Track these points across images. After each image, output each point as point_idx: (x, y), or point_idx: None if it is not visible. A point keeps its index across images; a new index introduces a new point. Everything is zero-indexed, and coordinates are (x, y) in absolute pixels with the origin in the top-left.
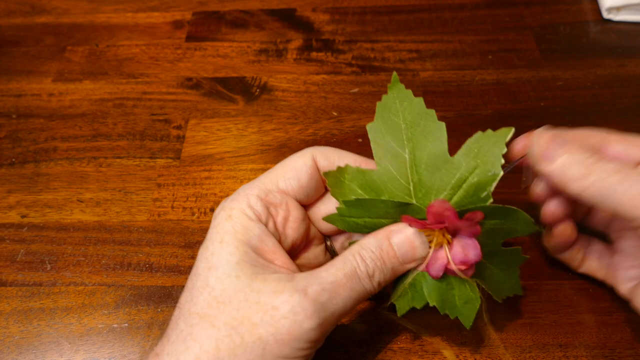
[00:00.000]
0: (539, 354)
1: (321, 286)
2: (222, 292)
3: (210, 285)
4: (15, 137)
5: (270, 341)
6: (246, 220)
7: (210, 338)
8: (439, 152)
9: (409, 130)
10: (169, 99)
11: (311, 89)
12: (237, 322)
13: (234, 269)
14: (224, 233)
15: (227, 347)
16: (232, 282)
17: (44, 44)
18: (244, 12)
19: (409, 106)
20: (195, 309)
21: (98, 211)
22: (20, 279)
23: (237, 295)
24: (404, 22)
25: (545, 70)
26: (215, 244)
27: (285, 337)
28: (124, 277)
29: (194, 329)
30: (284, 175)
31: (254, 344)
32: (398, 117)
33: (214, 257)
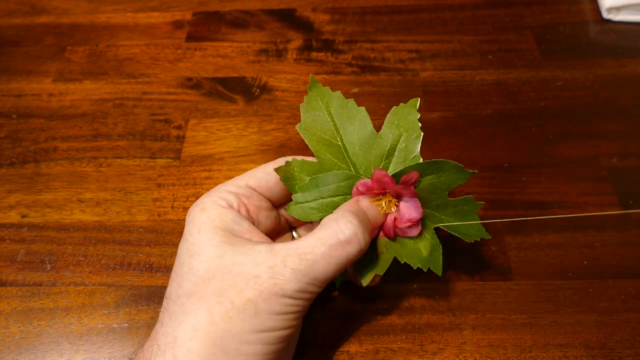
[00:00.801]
0: (539, 354)
1: (299, 257)
2: (206, 271)
3: (194, 268)
4: (16, 137)
5: (259, 301)
6: (219, 209)
7: (202, 308)
8: (367, 132)
9: (336, 120)
10: (169, 99)
11: None
12: (224, 290)
13: (215, 251)
14: (200, 223)
15: (220, 312)
16: (215, 261)
17: (44, 44)
18: (244, 12)
19: (330, 100)
20: (182, 291)
21: (98, 211)
22: (20, 279)
23: (221, 270)
24: (404, 22)
25: (545, 70)
26: (194, 234)
27: (271, 296)
28: (124, 277)
29: (185, 306)
30: (254, 175)
31: (245, 305)
32: (323, 112)
33: (194, 245)
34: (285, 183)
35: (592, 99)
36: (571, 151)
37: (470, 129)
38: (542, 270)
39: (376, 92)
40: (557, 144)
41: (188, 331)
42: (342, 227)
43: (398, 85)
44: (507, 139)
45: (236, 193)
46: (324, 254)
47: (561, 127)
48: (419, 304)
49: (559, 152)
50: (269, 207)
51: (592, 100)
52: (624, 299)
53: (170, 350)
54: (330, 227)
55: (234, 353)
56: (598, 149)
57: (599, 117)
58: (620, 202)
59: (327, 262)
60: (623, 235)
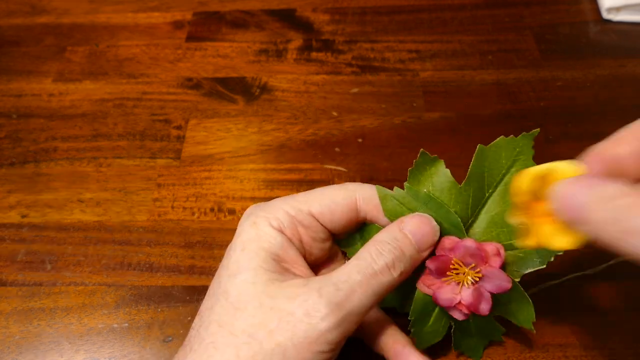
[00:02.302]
0: (539, 354)
1: (335, 286)
2: (237, 298)
3: (227, 291)
4: (16, 137)
5: (288, 346)
6: (270, 229)
7: (230, 346)
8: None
9: (507, 178)
10: (169, 99)
11: (311, 89)
12: (254, 329)
13: (251, 275)
14: (247, 240)
15: (247, 355)
16: (247, 287)
17: (44, 44)
18: (244, 12)
19: (522, 161)
20: (214, 317)
21: (98, 211)
22: (20, 279)
23: (253, 301)
24: (404, 22)
25: (545, 70)
26: (238, 251)
27: (303, 340)
28: (124, 277)
29: (215, 337)
30: (320, 202)
31: (273, 351)
32: (507, 161)
33: (235, 264)
34: (412, 169)
35: (592, 99)
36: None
37: (470, 129)
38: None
39: (376, 92)
40: (557, 144)
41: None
42: (373, 256)
43: (398, 85)
44: None
45: (294, 217)
46: (360, 283)
47: (561, 127)
48: None
49: (559, 152)
50: (324, 239)
51: (592, 100)
52: (624, 299)
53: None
54: (362, 258)
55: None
56: None
57: (599, 117)
58: None
59: (363, 291)
60: None
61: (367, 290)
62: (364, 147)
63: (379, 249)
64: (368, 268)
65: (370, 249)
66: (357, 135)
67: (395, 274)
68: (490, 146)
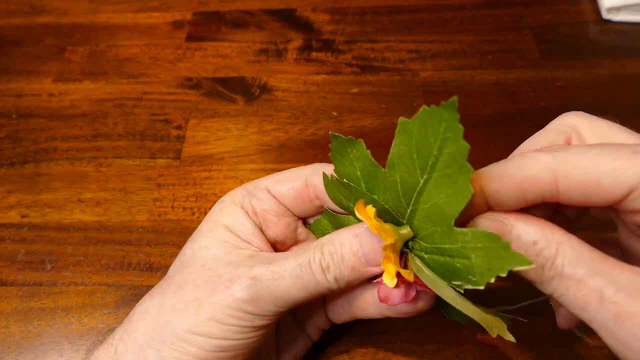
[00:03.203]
0: (539, 354)
1: (268, 266)
2: (188, 259)
3: (183, 253)
4: (16, 137)
5: (204, 302)
6: (232, 205)
7: (160, 294)
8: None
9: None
10: (169, 99)
11: (311, 89)
12: (185, 282)
13: (206, 241)
14: (212, 213)
15: (170, 303)
16: (200, 250)
17: (44, 44)
18: (244, 12)
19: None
20: (169, 273)
21: (98, 211)
22: (20, 279)
23: (198, 262)
24: (404, 22)
25: (545, 70)
26: (204, 224)
27: (218, 301)
28: (124, 277)
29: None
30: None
31: (191, 302)
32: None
33: (197, 233)
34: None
35: (592, 99)
36: None
37: (470, 129)
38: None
39: (376, 92)
40: None
41: (142, 312)
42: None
43: (398, 85)
44: (507, 139)
45: (250, 193)
46: (292, 273)
47: None
48: None
49: None
50: (281, 213)
51: (592, 100)
52: None
53: (126, 324)
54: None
55: (169, 346)
56: None
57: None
58: None
59: (293, 281)
60: None
61: (297, 282)
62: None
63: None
64: (305, 261)
65: (317, 244)
66: (357, 135)
67: (330, 277)
68: (414, 120)
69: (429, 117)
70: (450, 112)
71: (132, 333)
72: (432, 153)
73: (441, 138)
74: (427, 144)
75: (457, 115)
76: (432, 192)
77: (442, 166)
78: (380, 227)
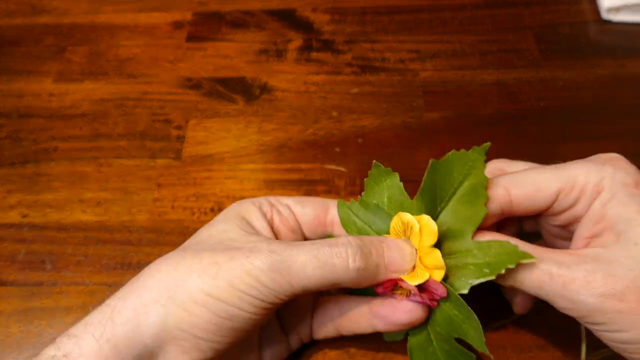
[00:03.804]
0: (539, 354)
1: (288, 245)
2: (204, 237)
3: (199, 233)
4: (16, 137)
5: (224, 267)
6: (251, 205)
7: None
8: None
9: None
10: (169, 99)
11: (311, 89)
12: (204, 249)
13: (224, 225)
14: (230, 209)
15: (186, 264)
16: (218, 233)
17: (45, 44)
18: (244, 12)
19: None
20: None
21: (98, 211)
22: (21, 279)
23: (214, 239)
24: (404, 22)
25: (545, 70)
26: (221, 215)
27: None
28: (124, 277)
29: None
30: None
31: (209, 265)
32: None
33: (215, 220)
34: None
35: (592, 99)
36: (571, 151)
37: (470, 129)
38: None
39: (376, 92)
40: (557, 144)
41: (154, 271)
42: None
43: (398, 85)
44: (507, 139)
45: (272, 203)
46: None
47: (561, 127)
48: None
49: (559, 152)
50: (294, 229)
51: (592, 100)
52: None
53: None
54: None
55: (178, 304)
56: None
57: (599, 117)
58: None
59: (310, 262)
60: None
61: (314, 263)
62: (364, 147)
63: (350, 239)
64: (325, 245)
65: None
66: (357, 135)
67: (352, 265)
68: (442, 161)
69: (457, 159)
70: (480, 154)
71: (137, 290)
72: (453, 186)
73: (465, 174)
74: (451, 180)
75: (484, 157)
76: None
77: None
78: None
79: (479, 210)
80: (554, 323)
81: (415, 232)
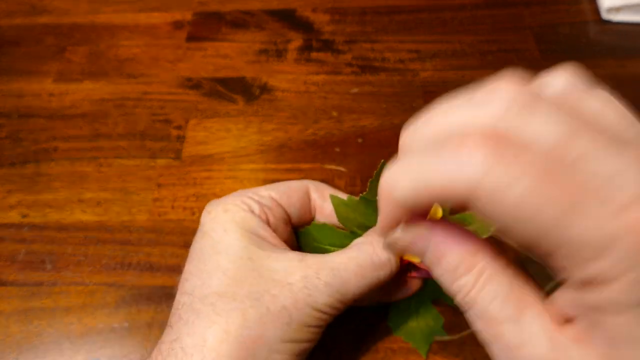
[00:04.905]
0: None
1: (332, 271)
2: (236, 272)
3: (222, 267)
4: (16, 137)
5: (293, 310)
6: (242, 212)
7: (236, 310)
8: None
9: None
10: (169, 99)
11: (311, 89)
12: (259, 295)
13: (244, 252)
14: (225, 222)
15: (254, 317)
16: (245, 263)
17: (45, 44)
18: (244, 12)
19: None
20: (210, 289)
21: (98, 211)
22: (20, 279)
23: (252, 273)
24: (404, 22)
25: (545, 70)
26: (219, 232)
27: (304, 306)
28: (124, 277)
29: (215, 306)
30: (277, 188)
31: (280, 313)
32: None
33: (221, 244)
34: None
35: None
36: None
37: None
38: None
39: (376, 92)
40: None
41: (219, 333)
42: (377, 251)
43: (398, 85)
44: None
45: (258, 201)
46: (357, 273)
47: None
48: None
49: None
50: (287, 221)
51: None
52: None
53: (198, 353)
54: (364, 250)
55: None
56: None
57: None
58: None
59: (358, 281)
60: None
61: (363, 282)
62: (364, 147)
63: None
64: (366, 260)
65: (369, 243)
66: (357, 135)
67: (394, 267)
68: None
69: None
70: None
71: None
72: None
73: None
74: None
75: None
76: None
77: None
78: None
79: None
80: None
81: None
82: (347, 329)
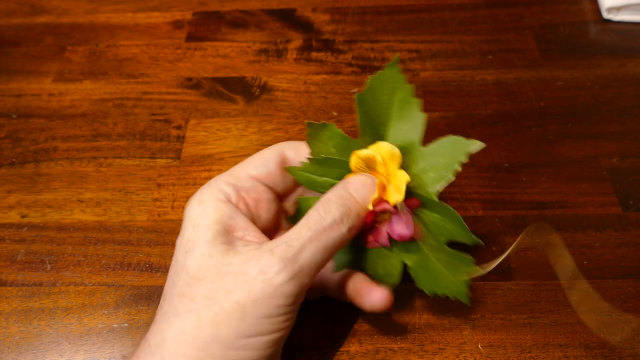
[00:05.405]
0: (539, 354)
1: (286, 244)
2: (197, 271)
3: (187, 266)
4: (16, 137)
5: (247, 303)
6: (216, 202)
7: (191, 311)
8: (413, 139)
9: (394, 111)
10: (169, 99)
11: (311, 89)
12: (213, 293)
13: (207, 248)
14: (196, 217)
15: (207, 317)
16: (205, 260)
17: (44, 44)
18: (244, 12)
19: (399, 89)
20: (175, 290)
21: (98, 211)
22: (20, 279)
23: (211, 270)
24: (404, 22)
25: (545, 70)
26: (190, 229)
27: (260, 297)
28: (124, 277)
29: (176, 307)
30: (253, 163)
31: (233, 309)
32: (387, 96)
33: (189, 242)
34: (308, 138)
35: (592, 99)
36: (571, 151)
37: (470, 129)
38: (542, 270)
39: None
40: (557, 144)
41: (177, 334)
42: (322, 213)
43: None
44: (507, 139)
45: (234, 185)
46: (311, 238)
47: (561, 127)
48: (419, 304)
49: (559, 152)
50: (270, 199)
51: (592, 100)
52: (624, 299)
53: (159, 352)
54: (311, 214)
55: (220, 359)
56: (598, 149)
57: (599, 117)
58: (620, 202)
59: (314, 247)
60: (622, 235)
61: (318, 246)
62: None
63: (326, 207)
64: (317, 224)
65: (318, 208)
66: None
67: (344, 229)
68: (366, 91)
69: (377, 82)
70: (393, 69)
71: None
72: (385, 108)
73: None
74: (381, 103)
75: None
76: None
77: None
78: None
79: (418, 117)
80: (555, 323)
81: (379, 162)
82: (347, 329)
